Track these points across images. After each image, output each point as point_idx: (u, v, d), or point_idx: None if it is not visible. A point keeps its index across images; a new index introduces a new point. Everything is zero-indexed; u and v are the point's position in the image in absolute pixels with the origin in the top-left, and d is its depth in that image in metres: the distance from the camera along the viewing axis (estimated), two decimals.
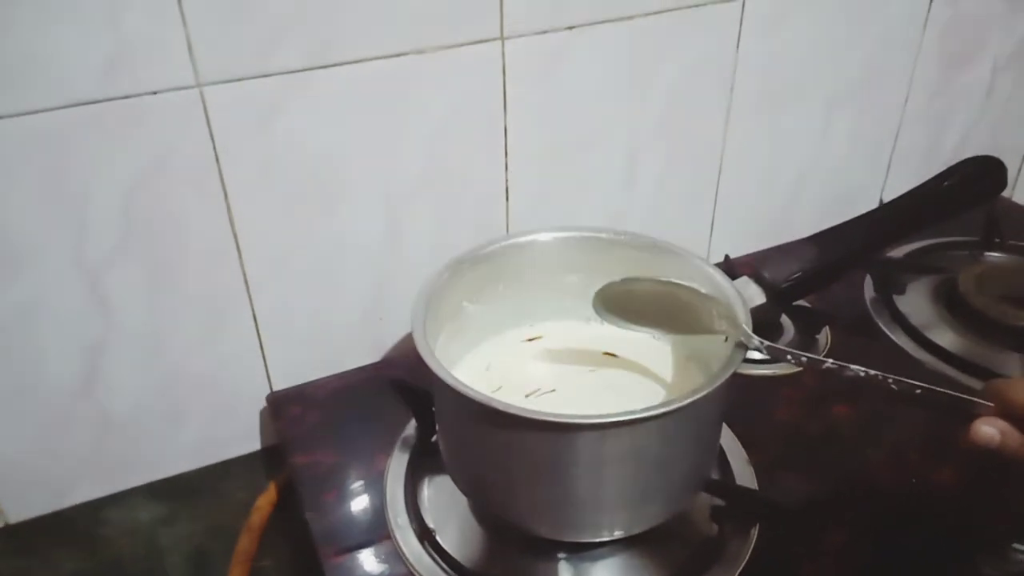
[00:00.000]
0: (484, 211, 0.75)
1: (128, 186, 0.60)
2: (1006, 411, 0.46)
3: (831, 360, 0.53)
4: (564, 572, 0.58)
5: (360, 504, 0.63)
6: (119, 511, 0.71)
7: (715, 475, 0.64)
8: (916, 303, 0.83)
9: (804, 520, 0.61)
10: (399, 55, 0.64)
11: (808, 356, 0.54)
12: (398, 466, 0.65)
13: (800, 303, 0.78)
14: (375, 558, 0.59)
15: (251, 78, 0.60)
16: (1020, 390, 0.46)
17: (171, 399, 0.70)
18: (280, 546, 0.69)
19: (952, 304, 0.81)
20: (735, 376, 0.51)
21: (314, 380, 0.75)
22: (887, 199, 0.80)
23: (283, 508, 0.71)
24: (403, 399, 0.68)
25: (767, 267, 0.69)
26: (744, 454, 0.65)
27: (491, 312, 0.65)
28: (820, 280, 0.72)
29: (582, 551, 0.58)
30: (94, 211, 0.60)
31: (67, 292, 0.62)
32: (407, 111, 0.67)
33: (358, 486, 0.64)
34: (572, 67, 0.71)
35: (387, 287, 0.74)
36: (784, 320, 0.80)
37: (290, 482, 0.67)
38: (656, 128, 0.79)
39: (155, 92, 0.58)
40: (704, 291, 0.57)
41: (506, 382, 0.62)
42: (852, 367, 0.51)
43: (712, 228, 0.89)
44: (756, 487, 0.63)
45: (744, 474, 0.64)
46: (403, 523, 0.61)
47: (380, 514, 0.62)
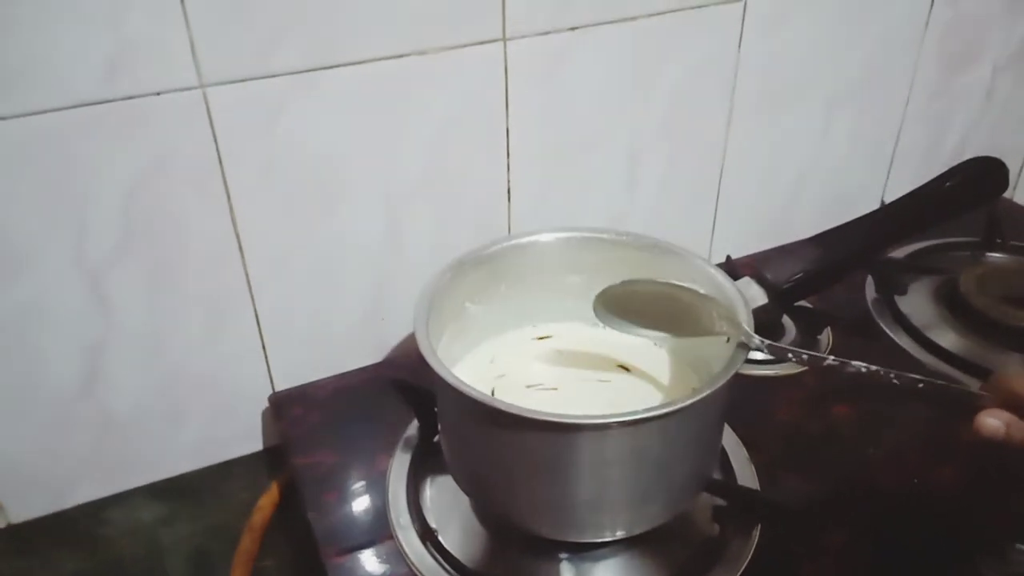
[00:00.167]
0: (486, 212, 0.75)
1: (130, 186, 0.60)
2: (1010, 403, 0.46)
3: (832, 357, 0.53)
4: (566, 572, 0.58)
5: (362, 504, 0.63)
6: (120, 511, 0.71)
7: (717, 475, 0.64)
8: (917, 304, 0.83)
9: (805, 520, 0.61)
10: (401, 56, 0.64)
11: (809, 354, 0.54)
12: (400, 466, 0.65)
13: (802, 304, 0.78)
14: (377, 558, 0.59)
15: (254, 79, 0.60)
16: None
17: (172, 399, 0.70)
18: (282, 546, 0.69)
19: (953, 305, 0.81)
20: (736, 376, 0.51)
21: (316, 380, 0.75)
22: (888, 199, 0.80)
23: (285, 508, 0.71)
24: (405, 399, 0.68)
25: (769, 268, 0.69)
26: (746, 454, 0.65)
27: (493, 313, 0.65)
28: (822, 281, 0.72)
29: (584, 551, 0.58)
30: (95, 211, 0.60)
31: (68, 292, 0.62)
32: (409, 112, 0.67)
33: (360, 486, 0.64)
34: (574, 68, 0.72)
35: (389, 287, 0.74)
36: (786, 320, 0.80)
37: (292, 482, 0.67)
38: (658, 129, 0.79)
39: (158, 93, 0.58)
40: (704, 292, 0.57)
41: (508, 381, 0.62)
42: (853, 363, 0.51)
43: (714, 229, 0.89)
44: (758, 487, 0.63)
45: (745, 474, 0.64)
46: (405, 523, 0.61)
47: (382, 514, 0.62)
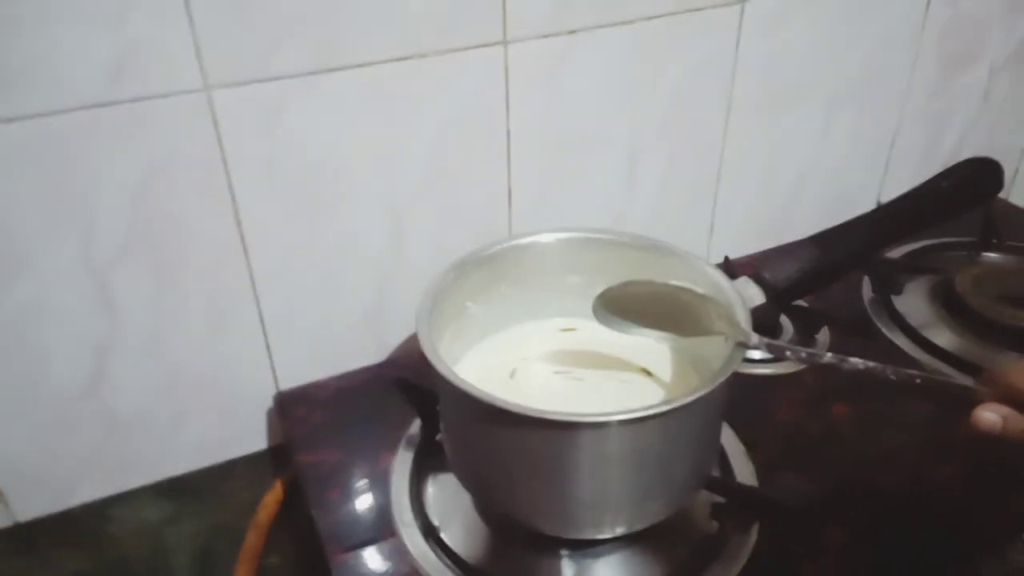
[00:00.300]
0: (487, 213, 0.76)
1: (135, 188, 0.61)
2: (1007, 396, 0.46)
3: (830, 354, 0.53)
4: (567, 569, 0.58)
5: (365, 502, 0.64)
6: (125, 510, 0.71)
7: (716, 473, 0.64)
8: (914, 303, 0.83)
9: (804, 518, 0.61)
10: (403, 58, 0.65)
11: (807, 351, 0.55)
12: (403, 464, 0.66)
13: (799, 303, 0.78)
14: (380, 555, 0.59)
15: (257, 81, 0.61)
16: (1020, 375, 0.45)
17: (177, 399, 0.71)
18: (286, 544, 0.69)
19: (950, 304, 0.82)
20: (735, 375, 0.51)
21: (319, 380, 0.75)
22: (885, 200, 0.81)
23: (289, 506, 0.71)
24: (407, 398, 0.68)
25: (767, 268, 0.70)
26: (745, 453, 0.66)
27: (494, 312, 0.66)
28: (819, 280, 0.72)
29: (584, 548, 0.59)
30: (101, 212, 0.61)
31: (73, 292, 0.62)
32: (411, 113, 0.68)
33: (363, 484, 0.65)
34: (574, 70, 0.72)
35: (391, 288, 0.75)
36: (783, 320, 0.81)
37: (296, 480, 0.68)
38: (657, 130, 0.79)
39: (163, 95, 0.58)
40: (702, 292, 0.58)
41: (511, 380, 0.63)
42: (851, 360, 0.52)
43: (712, 229, 0.90)
44: (756, 485, 0.63)
45: (745, 472, 0.64)
46: (408, 521, 0.61)
47: (385, 512, 0.62)
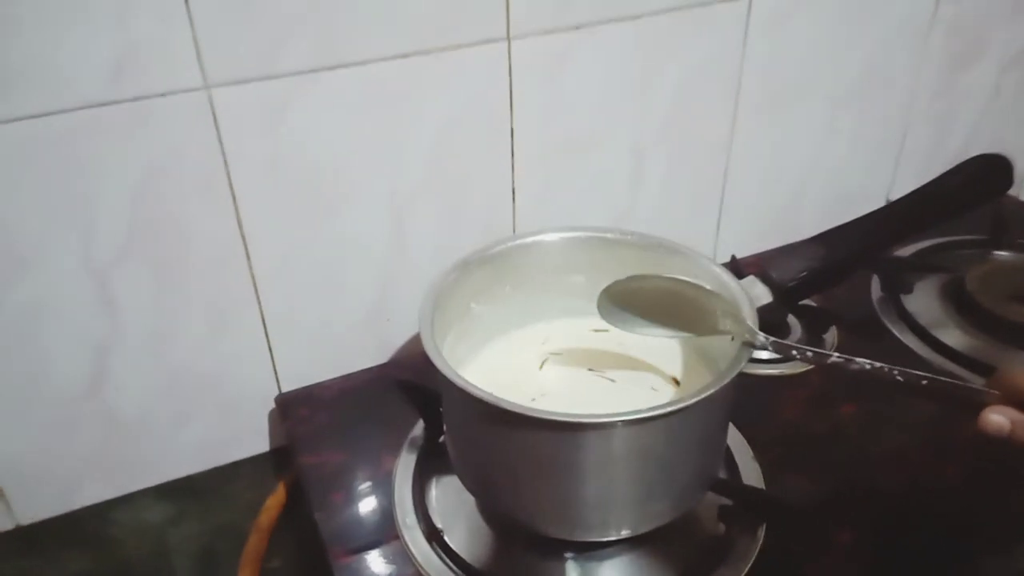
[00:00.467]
0: (490, 211, 0.75)
1: (136, 188, 0.60)
2: (1015, 400, 0.45)
3: (837, 354, 0.53)
4: (571, 571, 0.58)
5: (368, 504, 0.63)
6: (127, 512, 0.71)
7: (722, 474, 0.64)
8: (923, 302, 0.83)
9: (811, 519, 0.61)
10: (405, 56, 0.65)
11: (814, 351, 0.54)
12: (406, 466, 0.65)
13: (807, 302, 0.78)
14: (383, 558, 0.59)
15: (258, 80, 0.61)
16: None
17: (179, 400, 0.70)
18: (289, 546, 0.69)
19: (960, 303, 0.81)
20: (742, 376, 0.51)
21: (322, 381, 0.75)
22: (893, 199, 0.80)
23: (292, 508, 0.71)
24: (410, 399, 0.68)
25: (773, 266, 0.69)
26: (751, 453, 0.65)
27: (498, 312, 0.65)
28: (827, 279, 0.71)
29: (589, 550, 0.58)
30: (101, 212, 0.60)
31: (74, 293, 0.62)
32: (413, 112, 0.67)
33: (366, 486, 0.65)
34: (578, 67, 0.72)
35: (393, 288, 0.74)
36: (791, 320, 0.80)
37: (298, 482, 0.67)
38: (662, 128, 0.79)
39: (163, 94, 0.58)
40: (709, 288, 0.57)
41: (515, 381, 0.62)
42: (858, 360, 0.51)
43: (718, 228, 0.89)
44: (763, 487, 0.63)
45: (751, 473, 0.64)
46: (411, 523, 0.61)
47: (388, 514, 0.62)
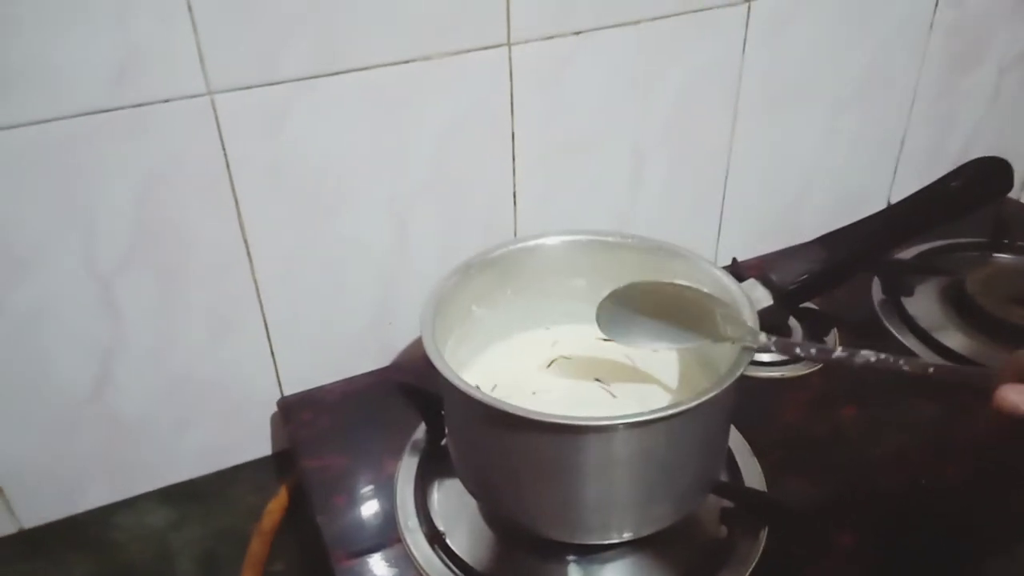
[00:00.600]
0: (492, 215, 0.75)
1: (139, 193, 0.61)
2: None
3: (840, 348, 0.52)
4: (573, 574, 0.58)
5: (370, 508, 0.63)
6: (130, 516, 0.71)
7: (724, 477, 0.64)
8: (924, 305, 0.83)
9: (813, 522, 0.61)
10: (407, 61, 0.65)
11: (817, 347, 0.54)
12: (408, 469, 0.65)
13: (808, 305, 0.78)
14: (386, 561, 0.59)
15: (260, 85, 0.61)
16: None
17: (181, 404, 0.70)
18: (291, 550, 0.69)
19: (960, 306, 0.81)
20: (743, 378, 0.51)
21: (324, 385, 0.75)
22: (894, 201, 0.80)
23: (294, 512, 0.71)
24: (412, 403, 0.68)
25: (774, 269, 0.69)
26: (752, 456, 0.65)
27: (499, 316, 0.65)
28: (828, 282, 0.72)
29: (591, 553, 0.59)
30: (105, 218, 0.61)
31: (77, 297, 0.62)
32: (415, 117, 0.67)
33: (368, 490, 0.65)
34: (579, 72, 0.72)
35: (395, 292, 0.74)
36: (792, 322, 0.80)
37: (301, 486, 0.68)
38: (663, 131, 0.79)
39: (166, 100, 0.58)
40: (709, 292, 0.57)
41: (515, 385, 0.62)
42: (861, 353, 0.51)
43: (719, 230, 0.89)
44: (765, 489, 0.63)
45: (753, 476, 0.64)
46: (413, 526, 0.61)
47: (390, 517, 0.62)
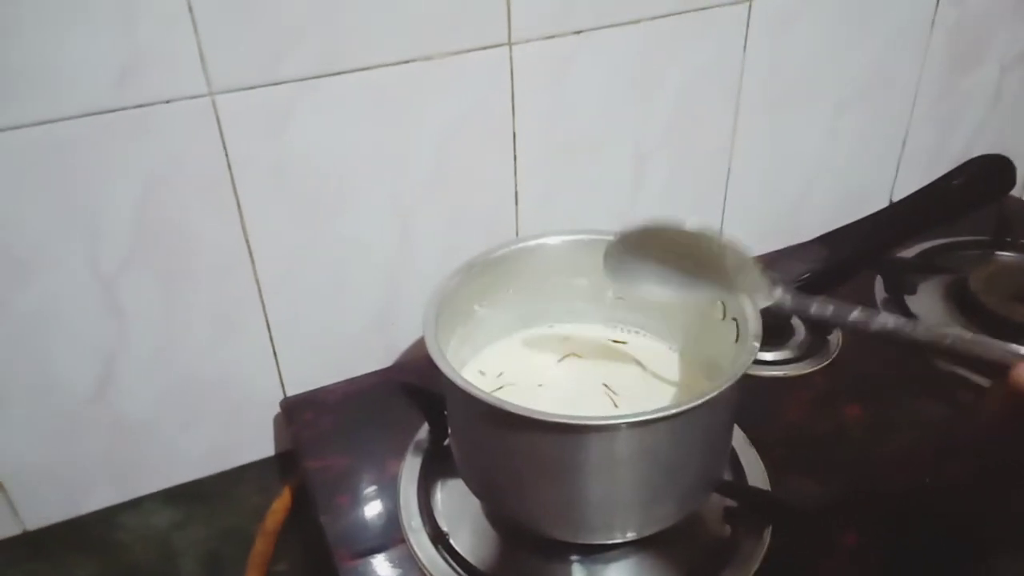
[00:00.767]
0: (493, 215, 0.75)
1: (141, 194, 0.61)
2: None
3: (858, 310, 0.50)
4: (577, 574, 0.58)
5: (374, 508, 0.63)
6: (134, 516, 0.71)
7: (727, 476, 0.64)
8: (927, 303, 0.82)
9: (817, 521, 0.61)
10: (408, 61, 0.65)
11: (834, 306, 0.51)
12: (411, 470, 0.65)
13: None
14: (389, 562, 0.59)
15: (262, 86, 0.61)
16: None
17: (184, 405, 0.70)
18: (295, 550, 0.69)
19: (963, 304, 0.81)
20: (745, 377, 0.51)
21: (327, 385, 0.75)
22: (896, 200, 0.80)
23: (297, 512, 0.71)
24: (415, 403, 0.68)
25: (776, 268, 0.69)
26: (756, 455, 0.65)
27: (502, 315, 0.65)
28: (830, 281, 0.72)
29: (595, 553, 0.58)
30: (108, 219, 0.61)
31: (81, 299, 0.62)
32: (416, 117, 0.67)
33: (372, 490, 0.65)
34: (580, 71, 0.72)
35: (398, 292, 0.74)
36: (794, 321, 0.80)
37: (304, 486, 0.68)
38: (664, 130, 0.79)
39: (168, 101, 0.59)
40: (722, 239, 0.54)
41: (517, 383, 0.62)
42: (879, 317, 0.48)
43: (721, 230, 0.89)
44: (768, 488, 0.63)
45: (756, 475, 0.64)
46: (416, 526, 0.61)
47: (394, 517, 0.62)
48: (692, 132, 0.81)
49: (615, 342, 0.66)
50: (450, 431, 0.61)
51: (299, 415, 0.72)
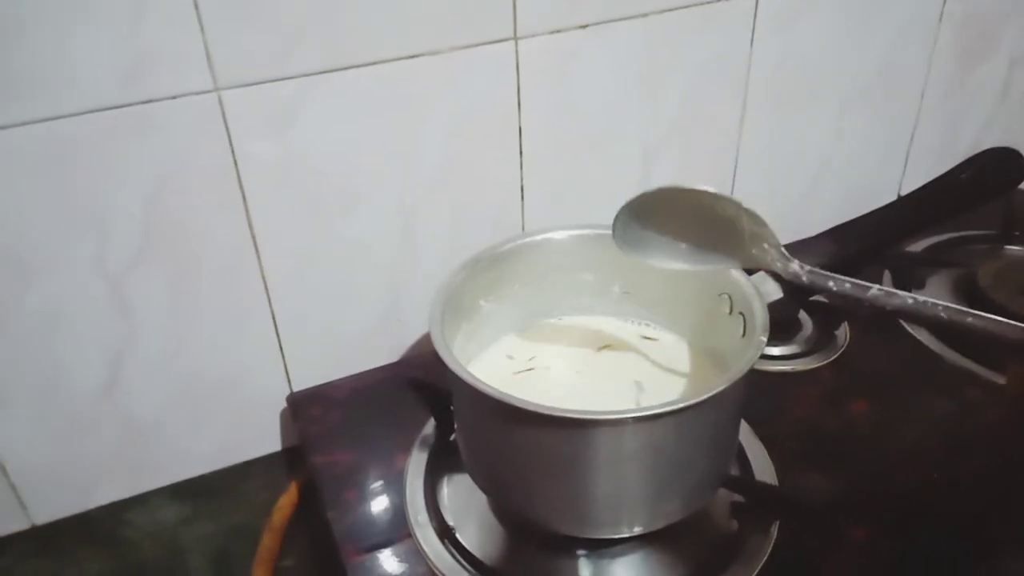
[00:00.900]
0: (499, 210, 0.75)
1: (148, 192, 0.61)
2: None
3: (877, 287, 0.48)
4: (583, 569, 0.58)
5: (380, 503, 0.63)
6: (142, 512, 0.71)
7: (734, 471, 0.63)
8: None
9: (824, 516, 0.61)
10: (413, 56, 0.65)
11: (852, 282, 0.49)
12: (417, 465, 0.65)
13: (818, 298, 0.77)
14: (396, 557, 0.59)
15: (268, 82, 0.61)
16: None
17: (192, 401, 0.71)
18: (302, 545, 0.69)
19: (972, 298, 0.80)
20: (752, 372, 0.51)
21: (333, 381, 0.75)
22: (904, 194, 0.80)
23: (304, 508, 0.71)
24: (421, 398, 0.68)
25: None
26: (763, 450, 0.65)
27: (508, 310, 0.65)
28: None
29: (601, 548, 0.58)
30: (115, 217, 0.61)
31: (88, 297, 0.63)
32: (422, 112, 0.67)
33: (378, 485, 0.65)
34: (586, 66, 0.72)
35: (404, 287, 0.74)
36: (802, 316, 0.80)
37: (311, 482, 0.68)
38: (671, 125, 0.79)
39: (174, 97, 0.59)
40: (739, 201, 0.53)
41: (525, 379, 0.62)
42: (899, 294, 0.47)
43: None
44: (776, 483, 0.63)
45: (764, 470, 0.63)
46: (423, 521, 0.61)
47: (400, 513, 0.62)
48: (698, 127, 0.80)
49: (645, 338, 0.66)
50: (456, 426, 0.61)
51: (306, 411, 0.72)
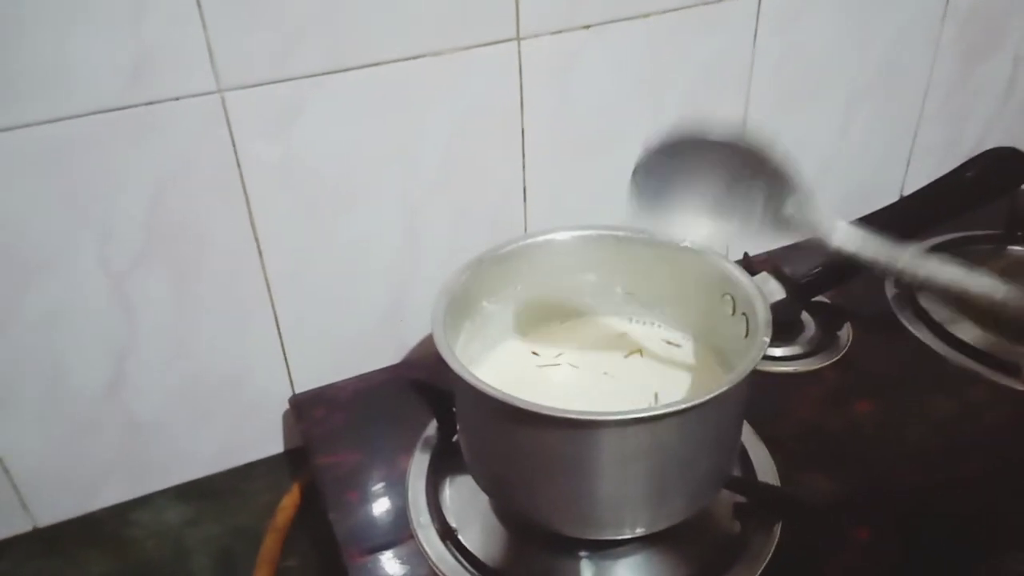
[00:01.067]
0: (502, 211, 0.75)
1: (151, 192, 0.61)
2: None
3: (909, 250, 0.46)
4: (586, 570, 0.58)
5: (383, 504, 0.63)
6: (146, 513, 0.72)
7: (737, 472, 0.63)
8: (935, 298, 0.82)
9: (827, 517, 0.61)
10: (416, 57, 0.65)
11: (877, 241, 0.48)
12: (420, 466, 0.65)
13: (821, 299, 0.77)
14: (398, 558, 0.59)
15: (270, 83, 0.61)
16: None
17: (195, 402, 0.71)
18: (305, 546, 0.69)
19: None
20: (755, 373, 0.51)
21: (336, 382, 0.75)
22: (907, 194, 0.80)
23: (307, 509, 0.71)
24: (424, 399, 0.68)
25: (786, 263, 0.69)
26: (766, 451, 0.65)
27: (510, 311, 0.65)
28: (840, 275, 0.71)
29: (604, 549, 0.58)
30: (117, 218, 0.61)
31: (92, 297, 0.63)
32: (425, 112, 0.67)
33: (381, 487, 0.65)
34: (588, 66, 0.72)
35: (406, 288, 0.74)
36: (805, 316, 0.80)
37: (313, 483, 0.68)
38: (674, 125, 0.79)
39: (177, 98, 0.59)
40: (762, 144, 0.50)
41: (527, 379, 0.62)
42: (931, 261, 0.46)
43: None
44: (778, 484, 0.62)
45: (766, 471, 0.63)
46: (425, 523, 0.61)
47: (403, 514, 0.62)
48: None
49: (669, 343, 0.66)
50: (459, 427, 0.61)
51: (309, 412, 0.72)
